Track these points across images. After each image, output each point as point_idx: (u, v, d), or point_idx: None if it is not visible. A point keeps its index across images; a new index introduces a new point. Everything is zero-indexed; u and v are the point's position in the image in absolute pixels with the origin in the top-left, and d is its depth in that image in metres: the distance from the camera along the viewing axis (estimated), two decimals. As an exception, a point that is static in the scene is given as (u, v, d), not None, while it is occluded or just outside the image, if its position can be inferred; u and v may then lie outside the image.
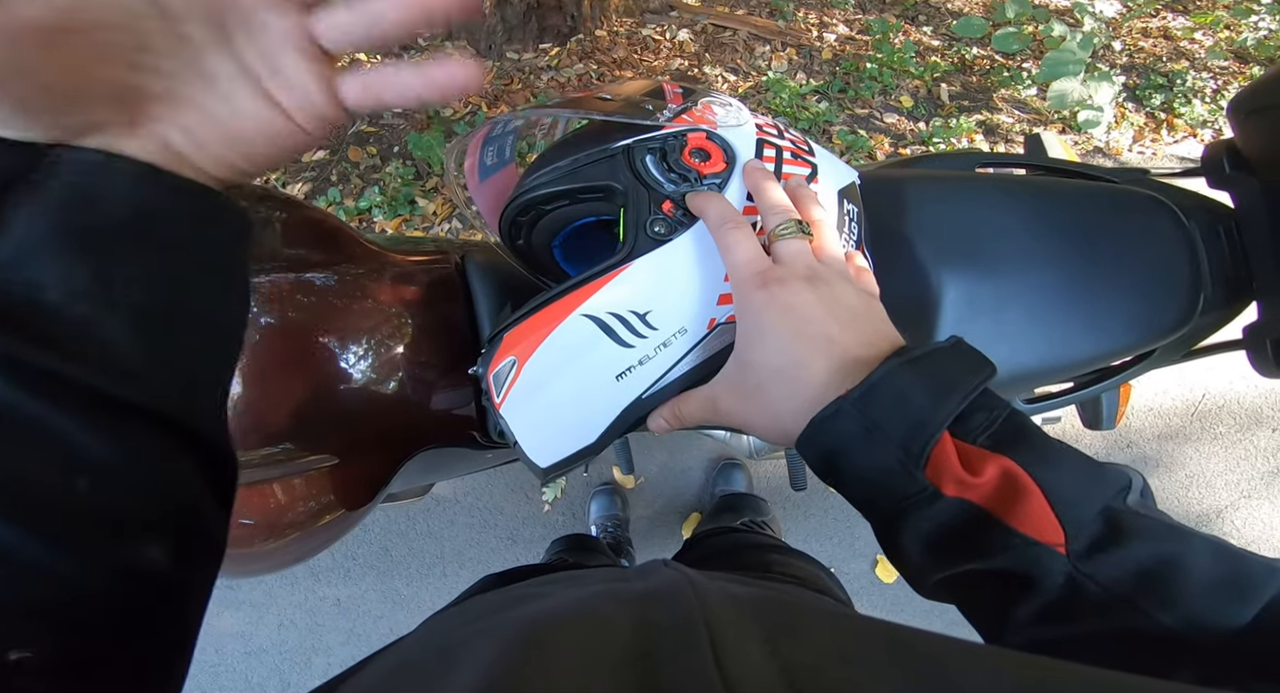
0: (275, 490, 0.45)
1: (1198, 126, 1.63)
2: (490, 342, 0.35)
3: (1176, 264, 0.49)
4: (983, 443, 0.26)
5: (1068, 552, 0.24)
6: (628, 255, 0.33)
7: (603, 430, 0.35)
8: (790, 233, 0.32)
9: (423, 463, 0.53)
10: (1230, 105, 0.52)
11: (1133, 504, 0.25)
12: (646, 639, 0.19)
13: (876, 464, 0.26)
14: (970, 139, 1.58)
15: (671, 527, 1.29)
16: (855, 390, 0.26)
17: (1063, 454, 0.26)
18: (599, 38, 1.73)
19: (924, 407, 0.26)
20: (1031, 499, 0.25)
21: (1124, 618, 0.23)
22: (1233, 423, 1.35)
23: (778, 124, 0.39)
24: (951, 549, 0.26)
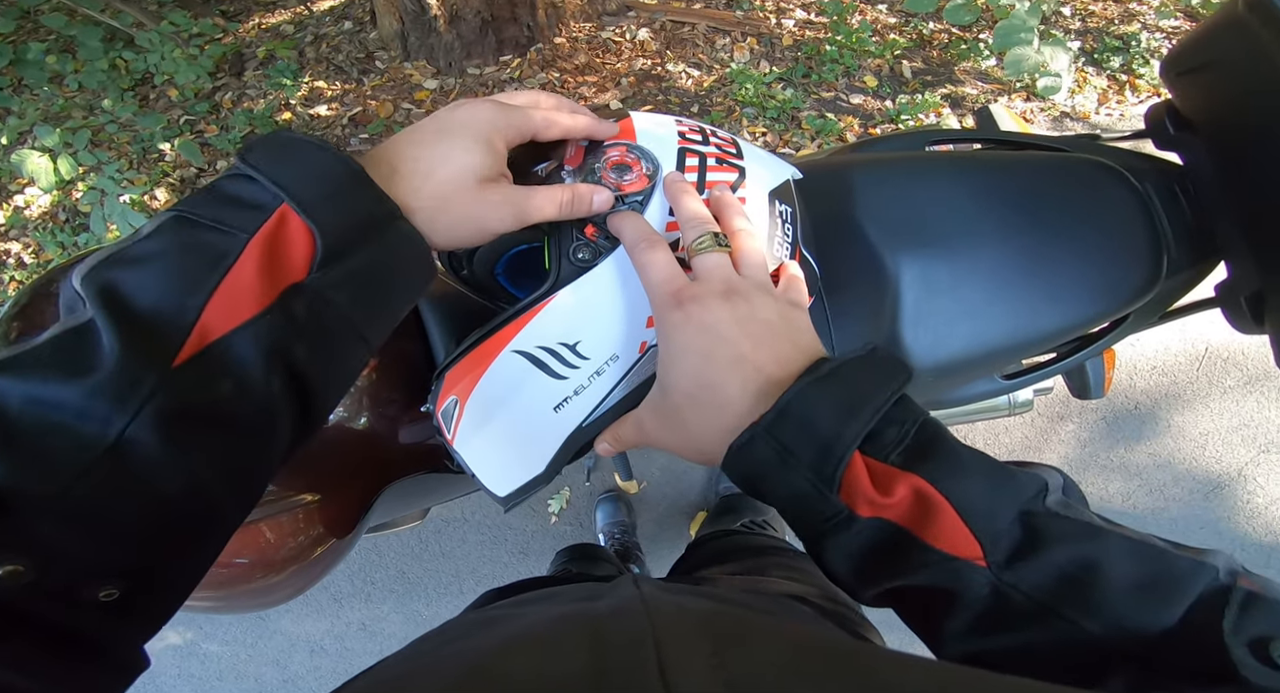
0: (264, 530, 0.47)
1: (1160, 86, 1.64)
2: (435, 379, 0.35)
3: (1134, 228, 0.49)
4: (894, 461, 0.26)
5: (988, 563, 0.24)
6: (552, 286, 0.33)
7: (549, 460, 0.35)
8: (706, 247, 0.31)
9: (404, 491, 0.54)
10: (1162, 65, 0.52)
11: (1053, 505, 0.25)
12: (600, 658, 0.19)
13: (792, 489, 0.26)
14: (938, 114, 1.58)
15: (679, 528, 1.29)
16: (767, 416, 0.26)
17: (972, 465, 0.26)
18: (559, 45, 1.73)
19: (832, 429, 0.25)
20: (943, 515, 0.25)
21: (1051, 626, 0.23)
22: (1240, 375, 1.32)
23: (704, 128, 0.39)
24: (876, 568, 0.26)
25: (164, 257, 0.24)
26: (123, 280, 0.23)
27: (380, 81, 1.74)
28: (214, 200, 0.26)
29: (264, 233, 0.25)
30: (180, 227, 0.25)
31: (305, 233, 0.26)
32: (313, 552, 0.51)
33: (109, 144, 1.71)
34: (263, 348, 0.25)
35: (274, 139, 0.27)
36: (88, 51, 1.69)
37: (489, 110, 0.31)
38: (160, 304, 0.23)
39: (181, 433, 0.23)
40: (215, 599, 0.52)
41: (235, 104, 1.76)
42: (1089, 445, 1.30)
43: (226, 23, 1.90)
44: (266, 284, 0.25)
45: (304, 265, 0.26)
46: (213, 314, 0.24)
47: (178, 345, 0.23)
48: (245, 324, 0.24)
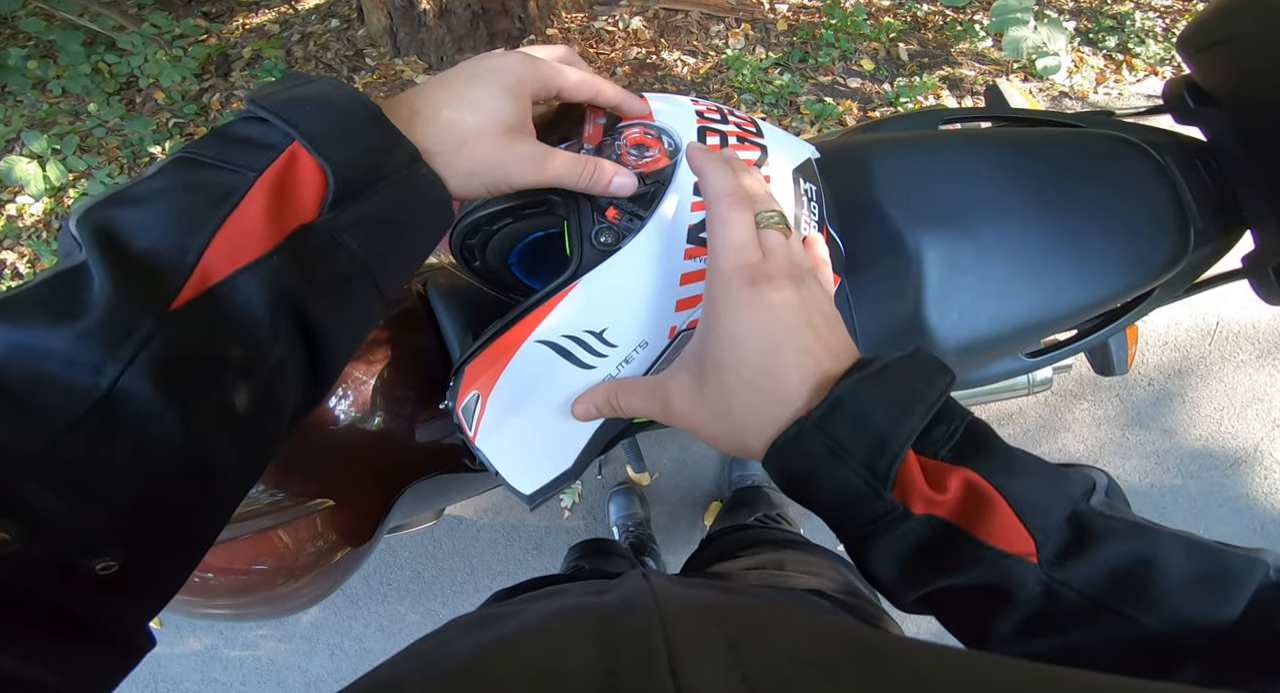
0: (281, 536, 0.46)
1: (1157, 65, 1.63)
2: (454, 375, 0.34)
3: (1158, 202, 0.48)
4: (944, 457, 0.25)
5: (1040, 561, 0.24)
6: (575, 272, 0.32)
7: (578, 454, 0.34)
8: (775, 222, 0.30)
9: (421, 493, 0.53)
10: (1180, 42, 0.51)
11: (1098, 505, 0.25)
12: (608, 654, 0.18)
13: (843, 487, 0.25)
14: (937, 95, 1.57)
15: (693, 519, 1.29)
16: (816, 410, 0.25)
17: (1024, 462, 0.25)
18: (551, 37, 1.71)
19: (886, 425, 0.25)
20: (997, 510, 0.24)
21: (1108, 626, 0.23)
22: (1252, 349, 1.32)
23: (721, 107, 0.37)
24: (924, 567, 0.25)
25: (165, 195, 0.23)
26: (119, 220, 0.22)
27: (372, 78, 1.71)
28: (222, 141, 0.25)
29: (273, 171, 0.24)
30: (185, 166, 0.24)
31: (317, 171, 0.24)
32: (332, 557, 0.50)
33: (98, 149, 1.69)
34: (269, 291, 0.23)
35: (287, 80, 0.26)
36: (69, 56, 1.66)
37: (519, 61, 0.30)
38: (159, 244, 0.21)
39: (180, 382, 0.21)
40: (237, 607, 0.51)
41: (224, 105, 1.73)
42: (1104, 424, 1.30)
43: (209, 24, 1.87)
44: (274, 224, 0.23)
45: (315, 205, 0.24)
46: (215, 255, 0.22)
47: (176, 288, 0.21)
48: (250, 265, 0.23)
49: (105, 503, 0.20)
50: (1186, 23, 0.53)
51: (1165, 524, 0.25)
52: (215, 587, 0.48)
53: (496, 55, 0.30)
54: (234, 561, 0.48)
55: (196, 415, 0.21)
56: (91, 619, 0.20)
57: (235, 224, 0.23)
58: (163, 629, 1.34)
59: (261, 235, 0.23)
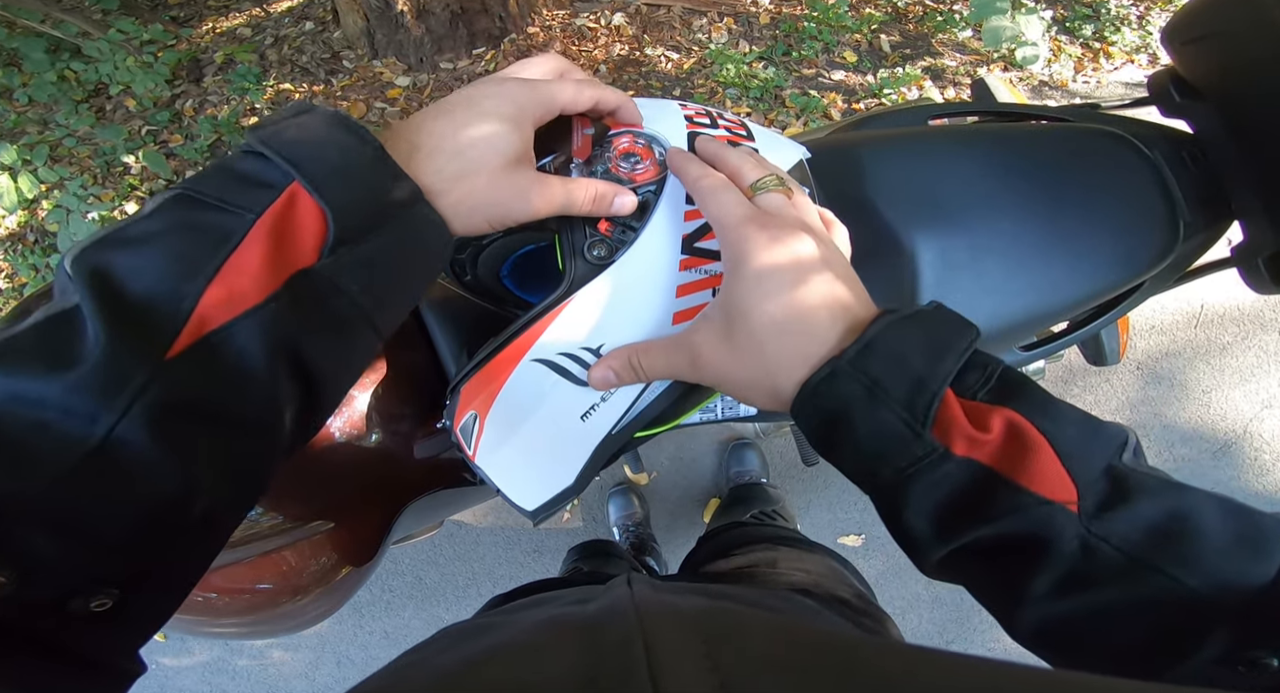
0: (286, 556, 0.46)
1: (1133, 53, 1.65)
2: (449, 394, 0.34)
3: (1148, 195, 0.49)
4: (983, 398, 0.25)
5: (1079, 510, 0.23)
6: (569, 288, 0.31)
7: (579, 471, 0.34)
8: (772, 185, 0.30)
9: (422, 508, 0.53)
10: (1164, 35, 0.52)
11: (1128, 462, 0.25)
12: (588, 664, 0.18)
13: (881, 427, 0.25)
14: (920, 86, 1.58)
15: (693, 516, 1.30)
16: (850, 349, 0.25)
17: (1064, 408, 0.25)
18: (533, 35, 1.69)
19: (923, 365, 0.24)
20: (1040, 453, 0.23)
21: (1146, 582, 0.22)
22: (1237, 330, 1.34)
23: (710, 111, 0.37)
24: (960, 516, 0.25)
25: (161, 238, 0.22)
26: (114, 263, 0.21)
27: (350, 81, 1.68)
28: (220, 178, 0.24)
29: (271, 213, 0.23)
30: (181, 205, 0.23)
31: (317, 214, 0.24)
32: (337, 574, 0.50)
33: (69, 159, 1.64)
34: (266, 338, 0.23)
35: (290, 110, 0.26)
36: (33, 63, 1.61)
37: (516, 88, 0.29)
38: (154, 290, 0.21)
39: (176, 430, 0.21)
40: (244, 625, 0.51)
41: (198, 111, 1.69)
42: (1095, 410, 1.30)
43: (178, 28, 1.82)
44: (272, 269, 0.23)
45: (314, 249, 0.24)
46: (212, 301, 0.22)
47: (172, 335, 0.21)
48: (247, 313, 0.22)
49: (100, 547, 0.20)
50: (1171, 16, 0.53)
51: None
52: (220, 607, 0.48)
53: (494, 82, 0.29)
54: (238, 581, 0.47)
55: (193, 461, 0.21)
56: (83, 652, 0.20)
57: (233, 269, 0.22)
58: (168, 641, 1.33)
59: (259, 281, 0.23)
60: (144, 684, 0.98)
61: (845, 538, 1.26)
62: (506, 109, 0.28)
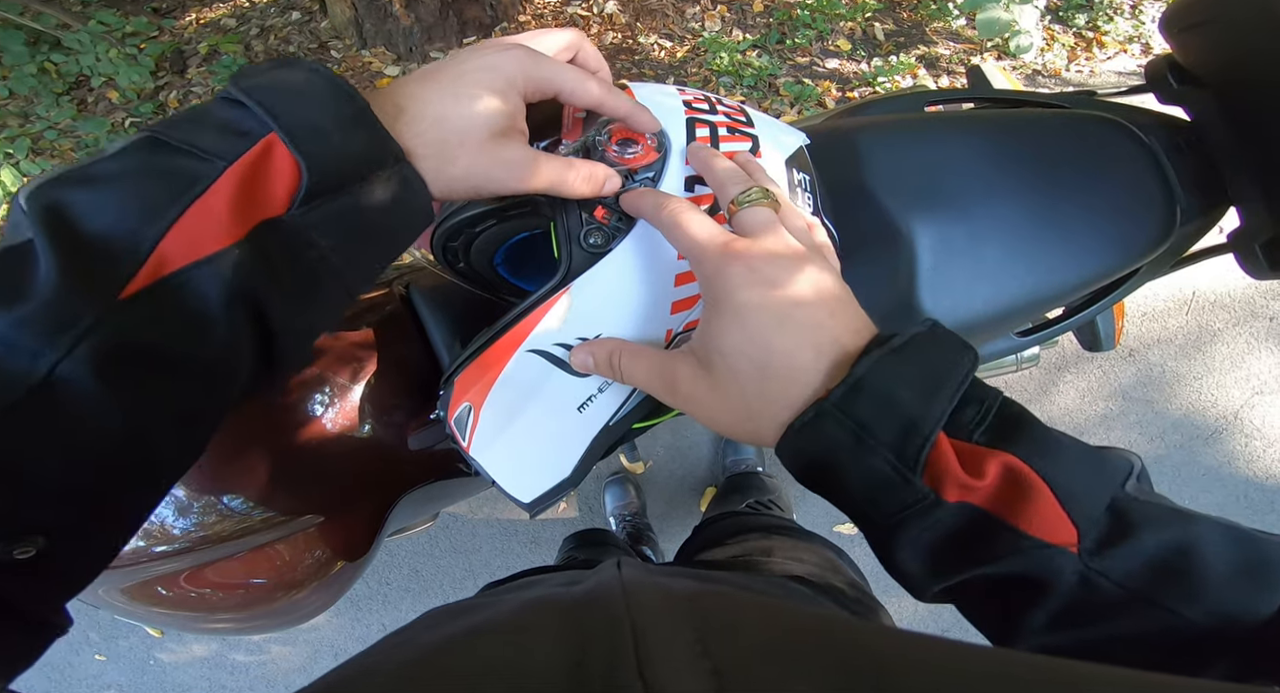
0: (280, 550, 0.45)
1: (1126, 42, 1.65)
2: (443, 384, 0.33)
3: (1145, 180, 0.49)
4: (979, 439, 0.24)
5: (1079, 550, 0.22)
6: (565, 277, 0.30)
7: (576, 463, 0.33)
8: (755, 199, 0.28)
9: (417, 500, 0.52)
10: (1162, 22, 0.52)
11: (1133, 490, 0.24)
12: (576, 649, 0.18)
13: (869, 474, 0.24)
14: (914, 75, 1.57)
15: (689, 505, 1.30)
16: (836, 390, 0.24)
17: (1065, 445, 0.24)
18: (524, 23, 1.67)
19: (915, 406, 0.23)
20: (1039, 498, 0.22)
21: (1146, 617, 0.22)
22: (1228, 317, 1.35)
23: (709, 96, 0.36)
24: (955, 558, 0.24)
25: (124, 179, 0.21)
26: (73, 201, 0.21)
27: (338, 71, 1.65)
28: (195, 122, 0.23)
29: (244, 162, 0.22)
30: (149, 148, 0.22)
31: (292, 165, 0.23)
32: (332, 567, 0.49)
33: (51, 152, 1.61)
34: (226, 285, 0.22)
35: (272, 64, 0.25)
36: (12, 56, 1.57)
37: (517, 58, 0.28)
38: (112, 230, 0.20)
39: (122, 372, 0.20)
40: (240, 620, 0.50)
41: (182, 102, 1.66)
42: (1088, 396, 1.33)
43: (160, 19, 1.78)
44: (239, 217, 0.22)
45: (285, 199, 0.23)
46: (172, 245, 0.21)
47: (127, 276, 0.20)
48: (209, 258, 0.22)
49: (31, 491, 0.19)
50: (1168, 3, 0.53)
51: None
52: (215, 602, 0.47)
53: (494, 47, 0.28)
54: (232, 576, 0.47)
55: (137, 405, 0.21)
56: (5, 600, 0.20)
57: (196, 215, 0.21)
58: (165, 636, 1.32)
59: (224, 228, 0.22)
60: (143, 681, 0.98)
61: (841, 526, 1.26)
62: (495, 81, 0.27)
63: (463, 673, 0.18)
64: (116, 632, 1.34)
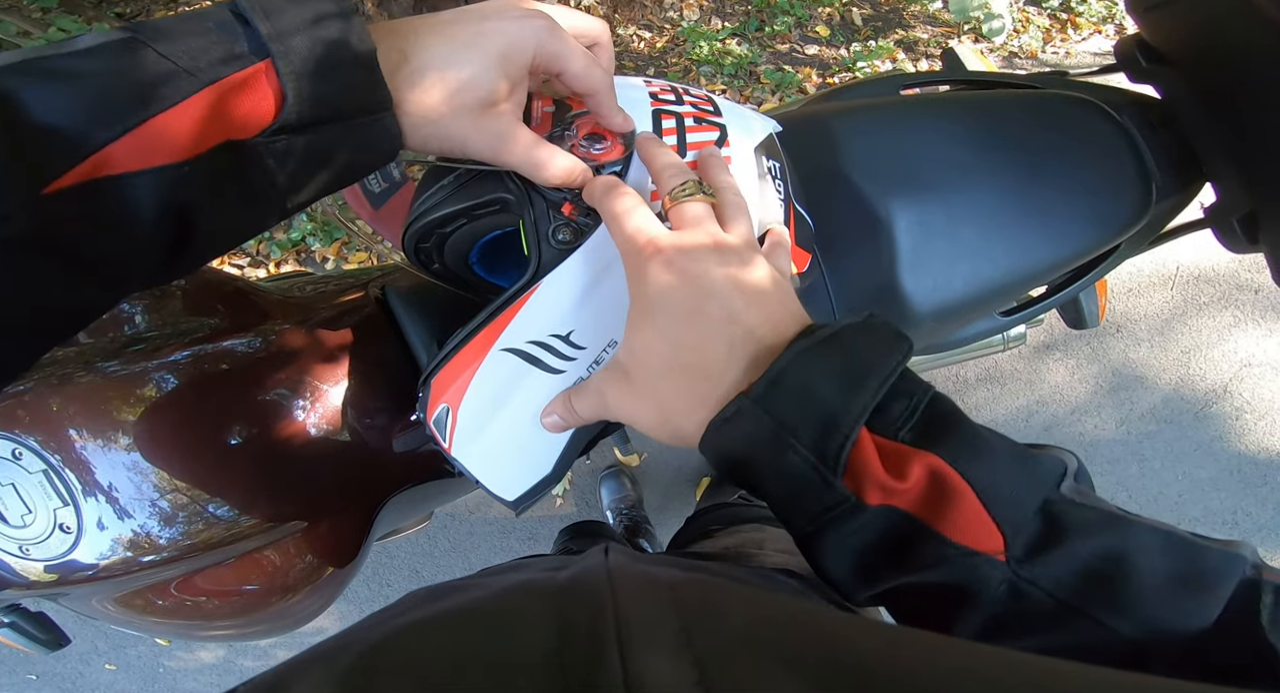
0: (270, 556, 0.45)
1: (1100, 23, 1.66)
2: (421, 386, 0.33)
3: (1120, 159, 0.49)
4: (905, 438, 0.23)
5: (1007, 558, 0.22)
6: (535, 274, 0.30)
7: (556, 459, 0.33)
8: (689, 193, 0.27)
9: (405, 503, 0.52)
10: (1128, 2, 0.52)
11: (1067, 491, 0.23)
12: (556, 634, 0.17)
13: (788, 473, 0.23)
14: (893, 59, 1.57)
15: (685, 496, 1.30)
16: (757, 385, 0.23)
17: (993, 446, 0.23)
18: (501, 17, 1.65)
19: (836, 400, 0.22)
20: (964, 502, 0.22)
21: (1076, 628, 0.21)
22: (1213, 291, 1.35)
23: (676, 87, 0.36)
24: (880, 565, 0.23)
25: (88, 79, 0.20)
26: (25, 92, 0.20)
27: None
28: (185, 29, 0.22)
29: (225, 84, 0.21)
30: (126, 51, 0.21)
31: (275, 95, 0.22)
32: (323, 571, 0.49)
33: (21, 164, 1.58)
34: (164, 197, 0.21)
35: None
36: (-24, 64, 1.53)
37: (536, 30, 0.27)
38: (59, 126, 0.20)
39: (27, 265, 0.20)
40: (240, 626, 0.50)
41: (156, 108, 1.63)
42: (1077, 374, 1.34)
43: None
44: (201, 134, 0.21)
45: (256, 126, 0.22)
46: (121, 149, 0.20)
47: (57, 173, 0.20)
48: (156, 168, 0.21)
49: None
50: None
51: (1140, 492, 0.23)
52: (212, 610, 0.47)
53: (517, 11, 0.27)
54: (224, 584, 0.46)
55: (35, 296, 0.21)
56: None
57: (157, 126, 0.21)
58: (173, 645, 1.32)
59: (182, 144, 0.21)
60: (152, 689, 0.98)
61: (835, 511, 1.27)
62: (505, 47, 0.27)
63: (435, 658, 0.17)
64: (125, 641, 1.33)
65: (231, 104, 0.22)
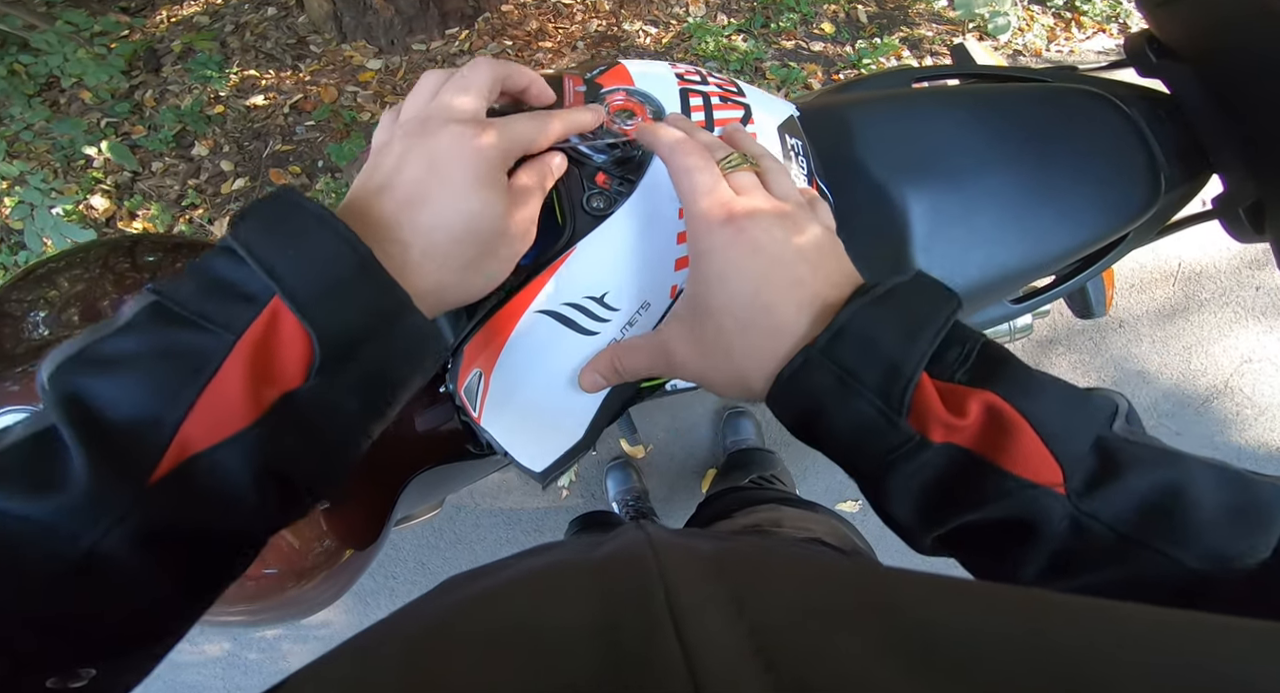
0: (289, 538, 0.46)
1: (1104, 22, 1.67)
2: (452, 356, 0.33)
3: (1129, 150, 0.50)
4: (960, 379, 0.24)
5: (1067, 491, 0.22)
6: (570, 239, 0.31)
7: (588, 424, 0.34)
8: (737, 164, 0.29)
9: (424, 484, 0.52)
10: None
11: (1121, 431, 0.23)
12: (608, 610, 0.17)
13: (856, 417, 0.24)
14: (897, 56, 1.58)
15: (691, 488, 1.31)
16: (821, 337, 0.24)
17: (1046, 384, 0.24)
18: (507, 13, 1.65)
19: (897, 348, 0.23)
20: (1022, 436, 0.22)
21: (1139, 560, 0.21)
22: (1214, 287, 1.36)
23: (700, 69, 0.37)
24: (944, 503, 0.24)
25: (138, 362, 0.21)
26: (91, 390, 0.21)
27: (319, 66, 1.63)
28: (198, 286, 0.23)
29: (253, 334, 0.22)
30: (158, 322, 0.22)
31: (301, 335, 0.22)
32: (341, 555, 0.49)
33: (27, 153, 1.57)
34: (251, 461, 0.22)
35: (271, 208, 0.23)
36: (-20, 58, 1.53)
37: (476, 148, 0.27)
38: (135, 418, 0.21)
39: (158, 550, 0.21)
40: (251, 612, 0.50)
41: (159, 101, 1.63)
42: (1080, 368, 1.35)
43: (130, 19, 1.74)
44: (254, 395, 0.22)
45: (300, 371, 0.23)
46: (193, 427, 0.21)
47: (154, 462, 0.21)
48: (232, 438, 0.22)
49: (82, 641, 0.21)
50: None
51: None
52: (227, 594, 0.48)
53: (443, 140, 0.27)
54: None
55: (174, 575, 0.22)
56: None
57: (213, 396, 0.21)
58: None
59: (241, 408, 0.22)
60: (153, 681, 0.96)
61: (842, 504, 1.28)
62: (482, 172, 0.26)
63: (485, 635, 0.17)
64: (122, 636, 1.33)
65: (267, 355, 0.22)
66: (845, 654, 0.14)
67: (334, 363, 0.23)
